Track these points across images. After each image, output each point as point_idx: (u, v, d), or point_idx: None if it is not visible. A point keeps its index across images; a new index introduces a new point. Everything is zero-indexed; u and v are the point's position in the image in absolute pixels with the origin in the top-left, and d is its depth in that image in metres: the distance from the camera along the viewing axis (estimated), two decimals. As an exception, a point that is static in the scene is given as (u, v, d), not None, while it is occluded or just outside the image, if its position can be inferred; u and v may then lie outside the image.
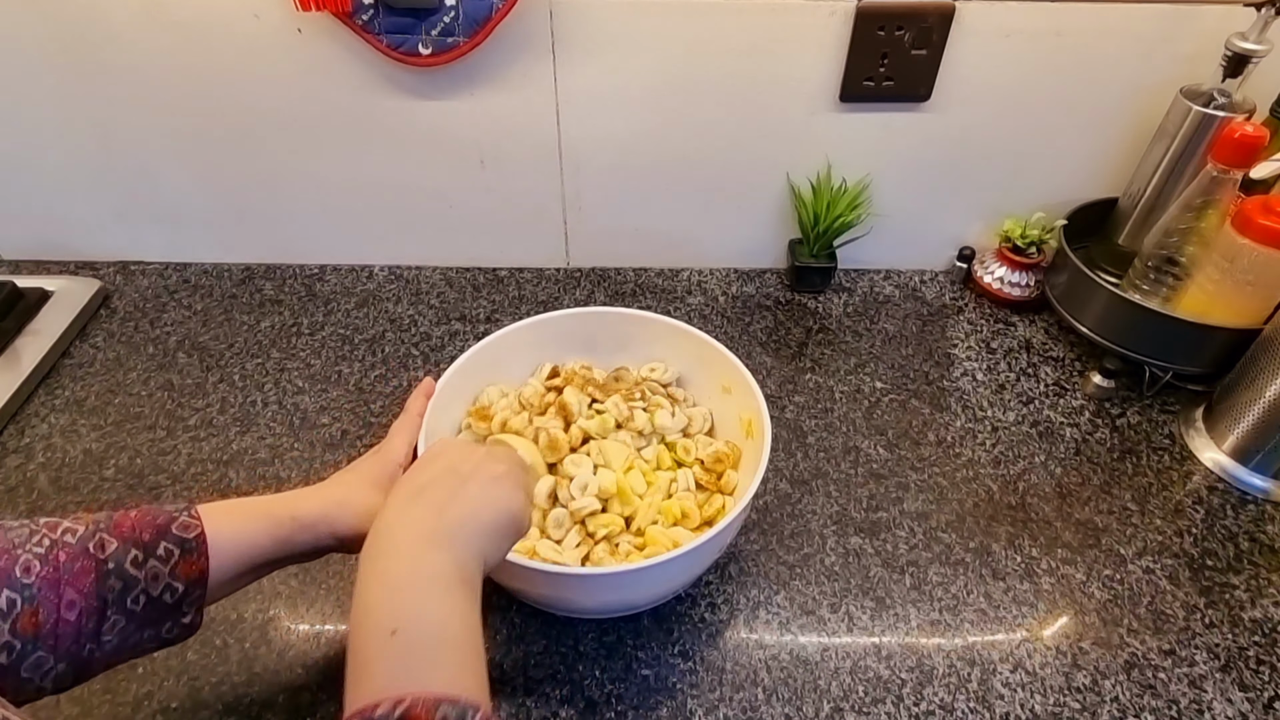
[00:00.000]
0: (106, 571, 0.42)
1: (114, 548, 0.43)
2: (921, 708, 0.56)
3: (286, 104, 0.81)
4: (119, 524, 0.44)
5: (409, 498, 0.44)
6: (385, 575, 0.40)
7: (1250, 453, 0.71)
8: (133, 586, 0.43)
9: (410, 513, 0.43)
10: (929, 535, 0.67)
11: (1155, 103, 0.78)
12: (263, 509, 0.49)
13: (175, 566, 0.44)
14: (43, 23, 0.76)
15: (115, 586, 0.42)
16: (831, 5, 0.74)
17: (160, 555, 0.44)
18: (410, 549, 0.41)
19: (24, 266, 0.94)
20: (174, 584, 0.44)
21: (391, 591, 0.39)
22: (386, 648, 0.37)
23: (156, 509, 0.46)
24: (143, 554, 0.43)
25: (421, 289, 0.93)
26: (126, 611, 0.43)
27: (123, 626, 0.43)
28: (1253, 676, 0.58)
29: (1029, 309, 0.90)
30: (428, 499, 0.44)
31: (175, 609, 0.45)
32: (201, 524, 0.46)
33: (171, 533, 0.45)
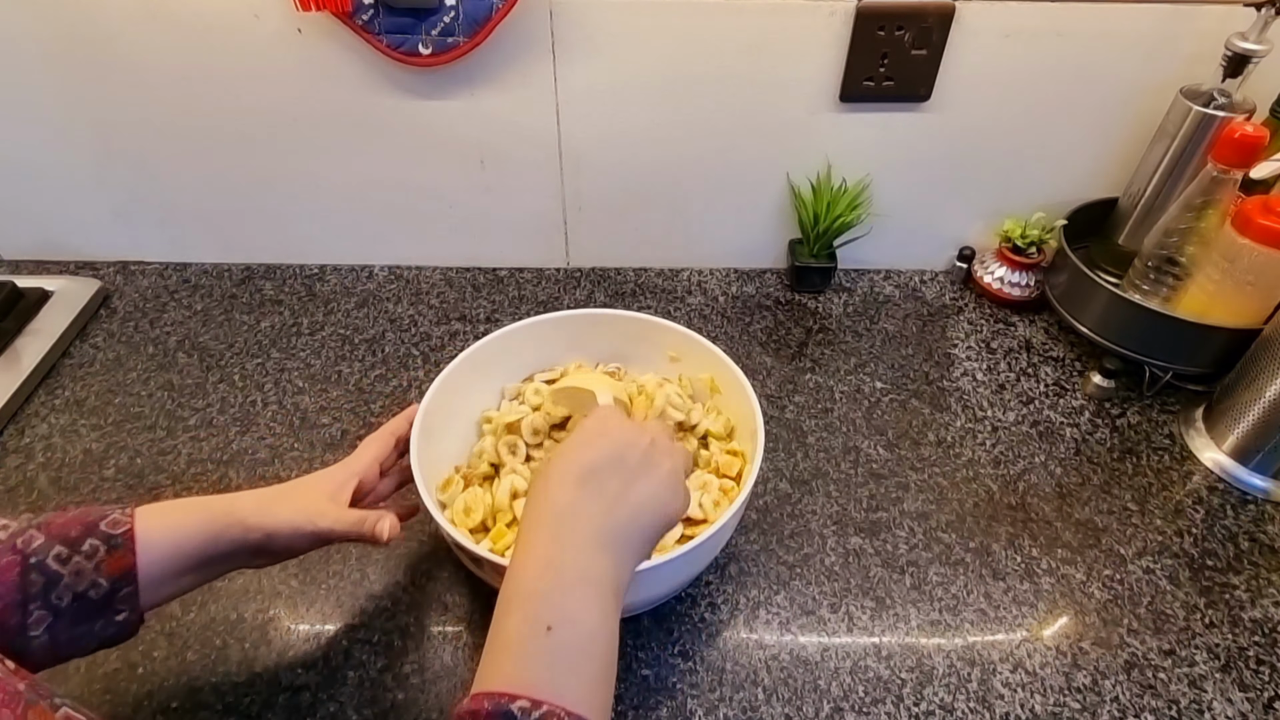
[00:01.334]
0: (29, 566, 0.42)
1: (38, 543, 0.43)
2: (921, 708, 0.56)
3: (286, 104, 0.81)
4: (50, 522, 0.44)
5: (579, 479, 0.43)
6: (553, 568, 0.40)
7: (1250, 453, 0.71)
8: (55, 582, 0.42)
9: (582, 502, 0.42)
10: (929, 535, 0.67)
11: (1155, 103, 0.78)
12: (200, 505, 0.49)
13: (100, 563, 0.44)
14: (43, 23, 0.77)
15: (37, 582, 0.42)
16: (831, 5, 0.74)
17: (85, 551, 0.43)
18: (582, 545, 0.41)
19: (24, 266, 0.94)
20: (99, 580, 0.43)
21: (557, 588, 0.39)
22: (540, 642, 0.37)
23: (94, 508, 0.46)
24: (68, 550, 0.43)
25: (421, 289, 0.93)
26: (51, 607, 0.42)
27: (50, 623, 0.42)
28: (1253, 676, 0.58)
29: (1029, 309, 0.90)
30: (598, 489, 0.43)
31: (105, 606, 0.44)
32: (132, 521, 0.45)
33: (99, 529, 0.44)
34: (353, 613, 0.61)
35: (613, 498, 0.43)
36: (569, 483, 0.43)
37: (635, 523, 0.43)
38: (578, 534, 0.41)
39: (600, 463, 0.44)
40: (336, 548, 0.65)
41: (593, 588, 0.40)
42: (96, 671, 0.57)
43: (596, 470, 0.43)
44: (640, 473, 0.44)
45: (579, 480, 0.43)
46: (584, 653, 0.38)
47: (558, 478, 0.43)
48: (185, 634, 0.59)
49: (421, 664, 0.58)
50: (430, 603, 0.62)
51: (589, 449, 0.45)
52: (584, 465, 0.43)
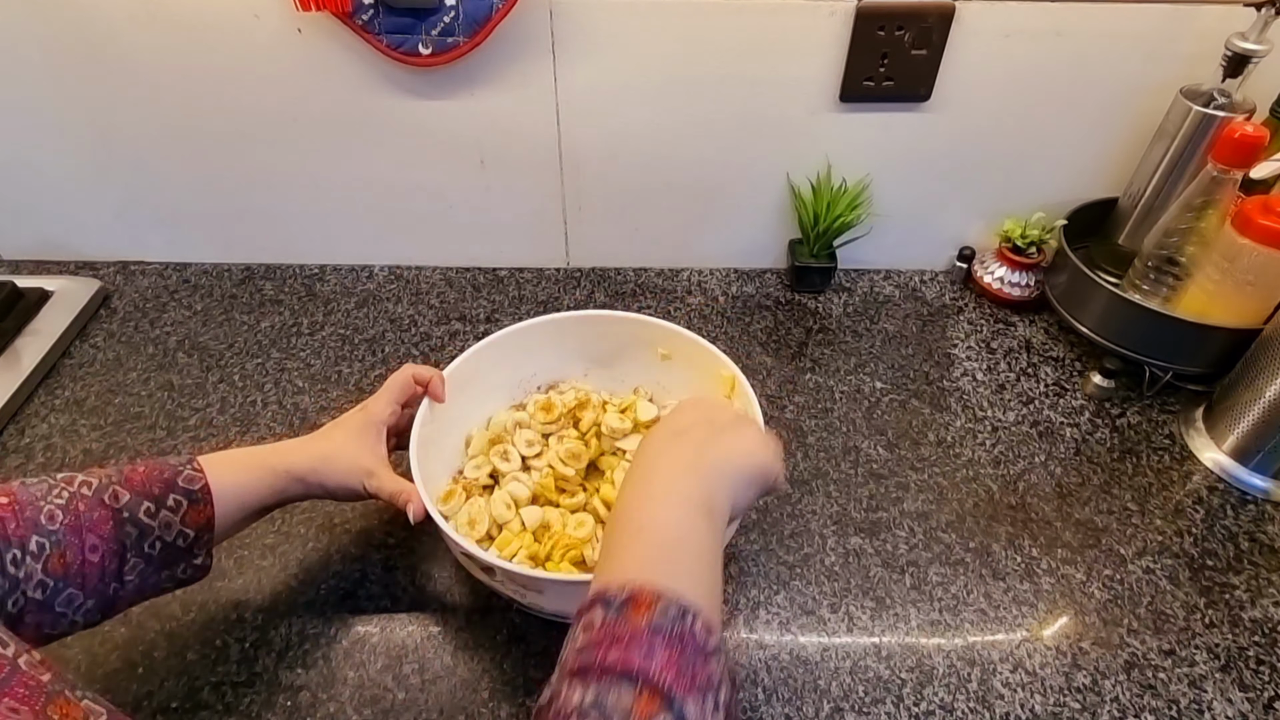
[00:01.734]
0: (123, 519, 0.47)
1: (127, 499, 0.48)
2: (921, 708, 0.56)
3: (286, 104, 0.81)
4: (129, 478, 0.49)
5: (669, 436, 0.47)
6: (643, 488, 0.44)
7: (1250, 453, 0.71)
8: (148, 534, 0.48)
9: (671, 449, 0.46)
10: (929, 535, 0.67)
11: (1155, 103, 0.78)
12: (259, 460, 0.55)
13: (185, 515, 0.50)
14: (43, 23, 0.77)
15: (132, 533, 0.47)
16: (831, 5, 0.74)
17: (170, 506, 0.49)
18: (668, 473, 0.45)
19: (24, 266, 0.94)
20: (185, 530, 0.50)
21: (646, 500, 0.44)
22: (632, 542, 0.41)
23: (161, 462, 0.51)
24: (154, 505, 0.49)
25: (421, 289, 0.93)
26: (144, 555, 0.48)
27: (142, 568, 0.48)
28: (1253, 676, 0.58)
29: (1029, 309, 0.90)
30: (687, 439, 0.47)
31: (188, 552, 0.51)
32: (205, 476, 0.51)
33: (179, 485, 0.50)
34: (353, 612, 0.61)
35: (701, 442, 0.46)
36: (661, 443, 0.47)
37: (729, 462, 0.46)
38: (665, 468, 0.45)
39: (689, 424, 0.48)
40: (337, 548, 0.65)
41: (683, 501, 0.43)
42: (97, 671, 0.57)
43: (686, 429, 0.48)
44: (728, 429, 0.48)
45: (669, 437, 0.47)
46: (677, 548, 0.41)
47: (653, 439, 0.48)
48: (185, 634, 0.59)
49: (421, 664, 0.58)
50: (430, 603, 0.62)
51: (680, 418, 0.49)
52: (675, 428, 0.48)
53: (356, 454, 0.57)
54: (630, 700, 0.33)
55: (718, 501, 0.44)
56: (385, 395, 0.60)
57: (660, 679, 0.34)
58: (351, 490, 0.57)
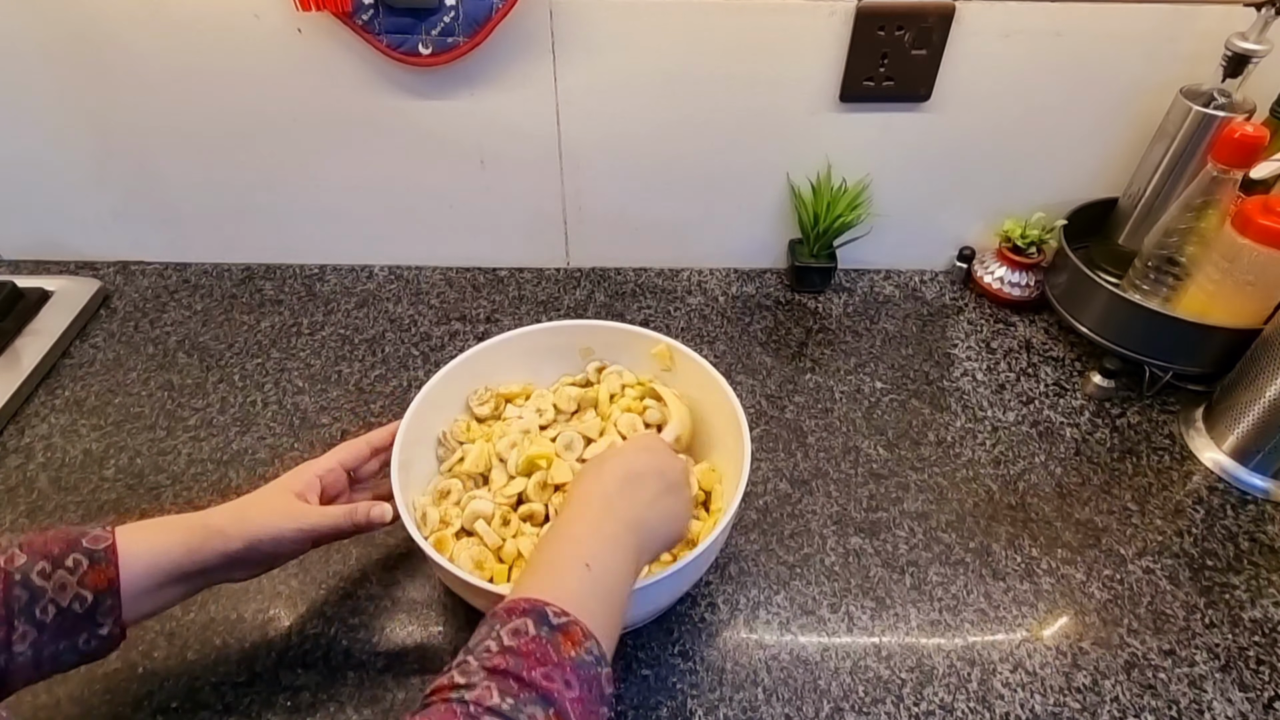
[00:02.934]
0: (13, 583, 0.43)
1: (22, 561, 0.44)
2: (921, 708, 0.56)
3: (286, 104, 0.81)
4: (32, 541, 0.45)
5: (625, 478, 0.49)
6: (596, 524, 0.47)
7: (1250, 453, 0.71)
8: (39, 597, 0.43)
9: (628, 494, 0.49)
10: (929, 535, 0.67)
11: (1155, 103, 0.78)
12: (179, 520, 0.50)
13: (83, 576, 0.45)
14: (43, 23, 0.77)
15: (21, 597, 0.43)
16: (831, 5, 0.74)
17: (68, 566, 0.44)
18: (620, 520, 0.47)
19: (24, 266, 0.94)
20: (82, 593, 0.44)
21: (597, 539, 0.46)
22: (576, 572, 0.43)
23: (74, 527, 0.47)
24: (50, 565, 0.44)
25: (421, 289, 0.93)
26: (36, 622, 0.43)
27: (34, 638, 0.43)
28: (1253, 676, 0.58)
29: (1029, 309, 0.90)
30: (640, 489, 0.49)
31: (88, 619, 0.45)
32: (113, 537, 0.47)
33: (82, 545, 0.45)
34: (352, 613, 0.61)
35: (649, 500, 0.49)
36: (619, 476, 0.49)
37: (663, 527, 0.50)
38: (619, 513, 0.48)
39: (645, 470, 0.50)
40: (336, 548, 0.65)
41: (624, 551, 0.46)
42: (96, 671, 0.57)
43: (641, 475, 0.50)
44: (672, 491, 0.51)
45: (626, 477, 0.49)
46: (610, 592, 0.44)
47: (610, 470, 0.50)
48: (185, 634, 0.59)
49: (422, 664, 0.58)
50: (430, 603, 0.62)
51: (635, 458, 0.51)
52: (632, 468, 0.50)
53: (283, 497, 0.53)
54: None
55: (640, 563, 0.48)
56: (330, 453, 0.58)
57: (569, 713, 0.37)
58: (280, 535, 0.51)
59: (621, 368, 0.70)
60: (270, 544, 0.51)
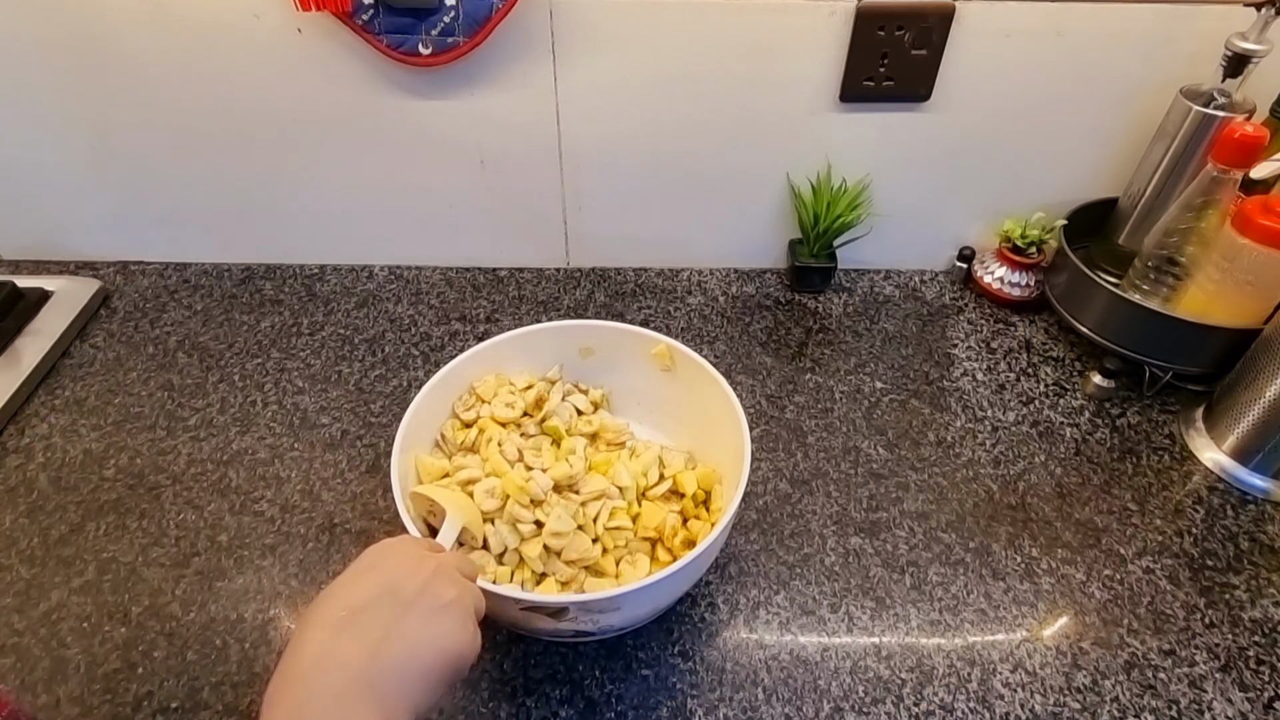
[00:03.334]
0: None
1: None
2: (921, 708, 0.56)
3: (286, 104, 0.81)
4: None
5: (339, 624, 0.38)
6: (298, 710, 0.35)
7: (1250, 453, 0.71)
8: None
9: (339, 647, 0.37)
10: (929, 535, 0.67)
11: (1155, 103, 0.78)
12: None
13: None
14: (42, 23, 0.77)
15: None
16: (831, 5, 0.74)
17: None
18: (337, 697, 0.35)
19: (24, 266, 0.94)
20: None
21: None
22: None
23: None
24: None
25: (421, 289, 0.93)
26: None
27: None
28: (1253, 676, 0.58)
29: (1029, 309, 0.90)
30: (361, 630, 0.38)
31: None
32: None
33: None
34: (353, 613, 0.61)
35: (379, 638, 0.37)
36: (326, 627, 0.38)
37: (413, 661, 0.38)
38: (332, 685, 0.36)
39: (366, 600, 0.39)
40: (336, 547, 0.65)
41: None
42: (96, 671, 0.57)
43: (361, 609, 0.38)
44: (415, 604, 0.39)
45: (338, 624, 0.38)
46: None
47: (314, 622, 0.38)
48: (185, 634, 0.59)
49: (421, 664, 0.58)
50: (430, 603, 0.62)
51: (355, 586, 0.40)
52: (346, 605, 0.39)
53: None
54: None
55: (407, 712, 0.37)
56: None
57: None
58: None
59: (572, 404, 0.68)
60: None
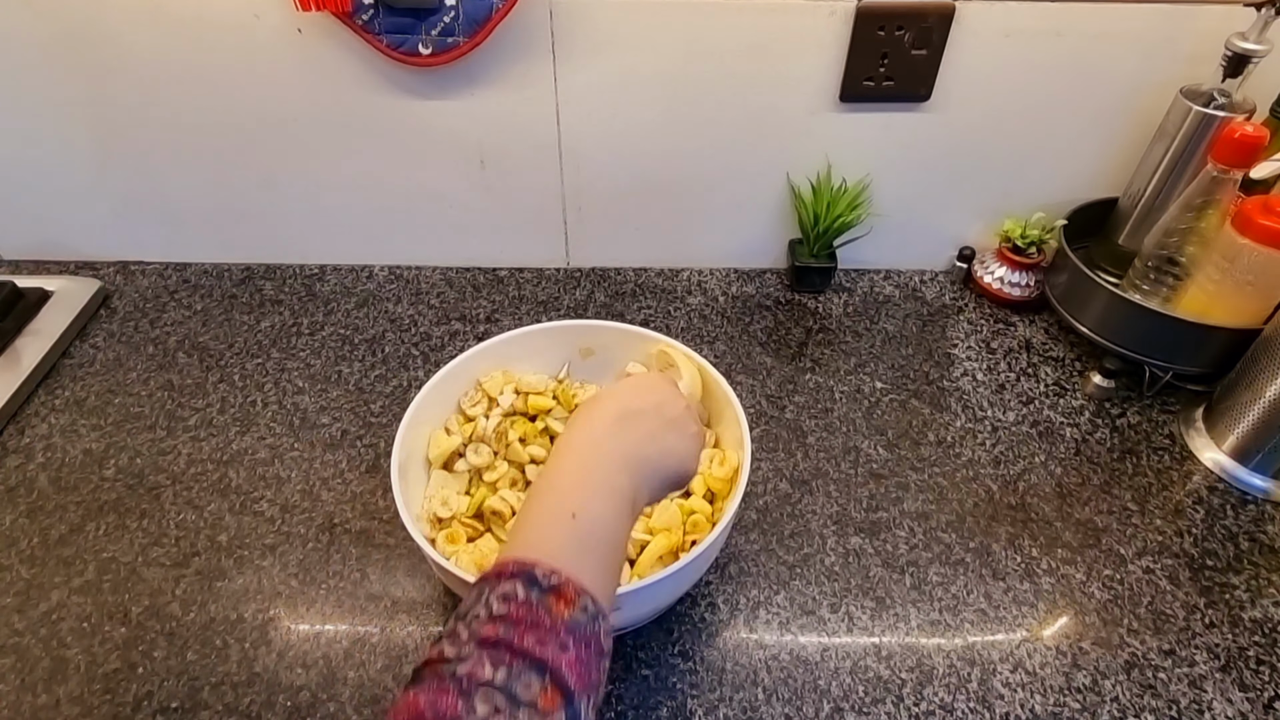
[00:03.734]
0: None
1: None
2: (921, 708, 0.56)
3: (286, 104, 0.81)
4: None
5: (620, 416, 0.47)
6: (582, 471, 0.44)
7: (1250, 453, 0.71)
8: None
9: (617, 434, 0.46)
10: (929, 535, 0.67)
11: (1155, 103, 0.78)
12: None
13: None
14: (42, 23, 0.76)
15: None
16: (831, 5, 0.74)
17: None
18: (611, 462, 0.45)
19: (24, 266, 0.94)
20: None
21: (584, 487, 0.43)
22: (563, 525, 0.41)
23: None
24: None
25: (421, 289, 0.93)
26: None
27: None
28: (1253, 676, 0.58)
29: (1029, 309, 0.90)
30: (636, 427, 0.47)
31: None
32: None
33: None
34: (353, 613, 0.61)
35: (644, 436, 0.47)
36: (608, 418, 0.47)
37: (663, 463, 0.47)
38: (608, 455, 0.45)
39: (641, 407, 0.48)
40: (336, 547, 0.65)
41: (615, 495, 0.44)
42: (96, 671, 0.57)
43: (636, 413, 0.47)
44: (673, 426, 0.49)
45: (617, 416, 0.47)
46: (602, 541, 0.42)
47: (599, 412, 0.47)
48: (185, 634, 0.59)
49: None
50: (430, 603, 0.62)
51: (633, 395, 0.49)
52: (625, 406, 0.48)
53: None
54: (536, 690, 0.34)
55: (640, 501, 0.46)
56: None
57: (566, 676, 0.35)
58: None
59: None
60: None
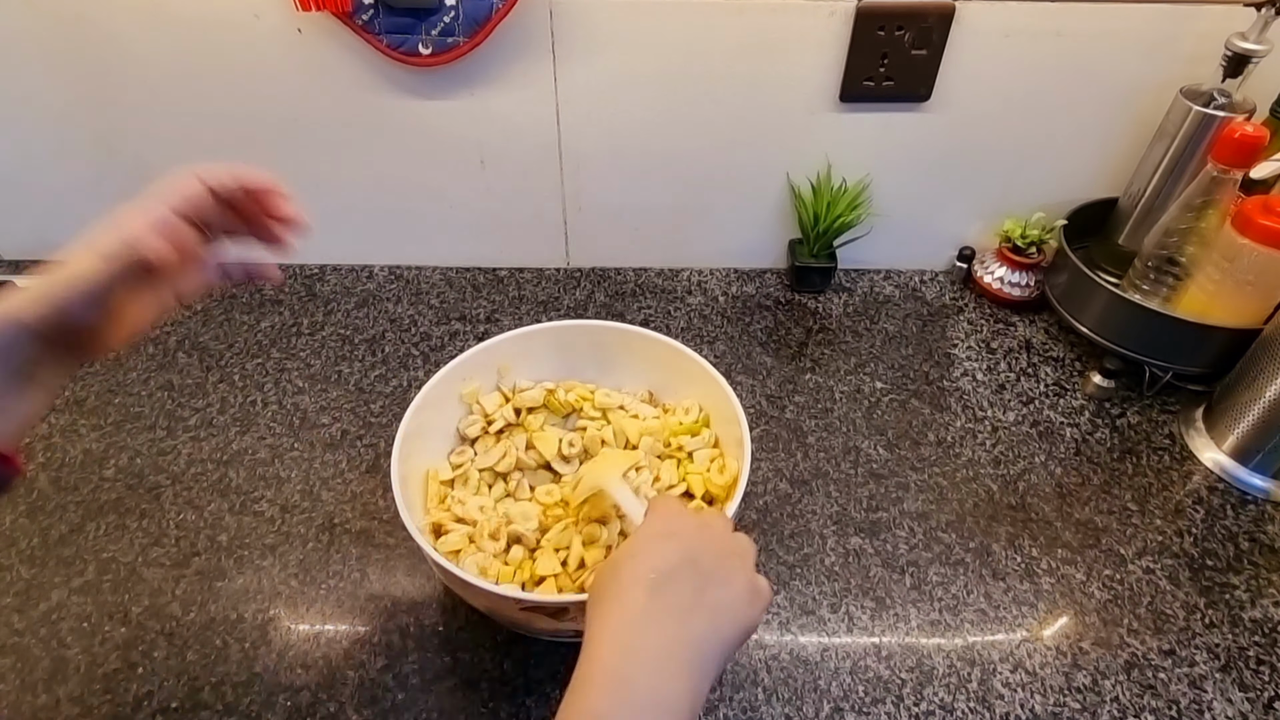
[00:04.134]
0: None
1: None
2: (921, 708, 0.56)
3: (286, 104, 0.81)
4: None
5: (651, 586, 0.39)
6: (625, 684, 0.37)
7: (1250, 453, 0.71)
8: None
9: (655, 612, 0.39)
10: (929, 535, 0.67)
11: (1155, 103, 0.78)
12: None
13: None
14: (43, 23, 0.76)
15: None
16: (831, 5, 0.74)
17: None
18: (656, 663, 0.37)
19: (24, 266, 0.94)
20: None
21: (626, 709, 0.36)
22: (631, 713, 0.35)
23: None
24: None
25: (421, 289, 0.93)
26: None
27: None
28: (1253, 676, 0.58)
29: (1029, 309, 0.90)
30: (671, 599, 0.39)
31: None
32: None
33: None
34: (353, 613, 0.61)
35: (688, 607, 0.39)
36: (640, 588, 0.39)
37: (715, 635, 0.39)
38: (651, 649, 0.38)
39: (673, 567, 0.40)
40: (336, 548, 0.65)
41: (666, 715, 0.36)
42: (96, 671, 0.57)
43: (669, 576, 0.40)
44: (715, 577, 0.41)
45: (651, 587, 0.39)
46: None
47: (629, 581, 0.40)
48: (185, 634, 0.59)
49: (421, 664, 0.58)
50: (430, 603, 0.62)
51: (659, 551, 0.41)
52: (656, 569, 0.40)
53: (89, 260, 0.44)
54: None
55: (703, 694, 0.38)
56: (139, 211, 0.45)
57: None
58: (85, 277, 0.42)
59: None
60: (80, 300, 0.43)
